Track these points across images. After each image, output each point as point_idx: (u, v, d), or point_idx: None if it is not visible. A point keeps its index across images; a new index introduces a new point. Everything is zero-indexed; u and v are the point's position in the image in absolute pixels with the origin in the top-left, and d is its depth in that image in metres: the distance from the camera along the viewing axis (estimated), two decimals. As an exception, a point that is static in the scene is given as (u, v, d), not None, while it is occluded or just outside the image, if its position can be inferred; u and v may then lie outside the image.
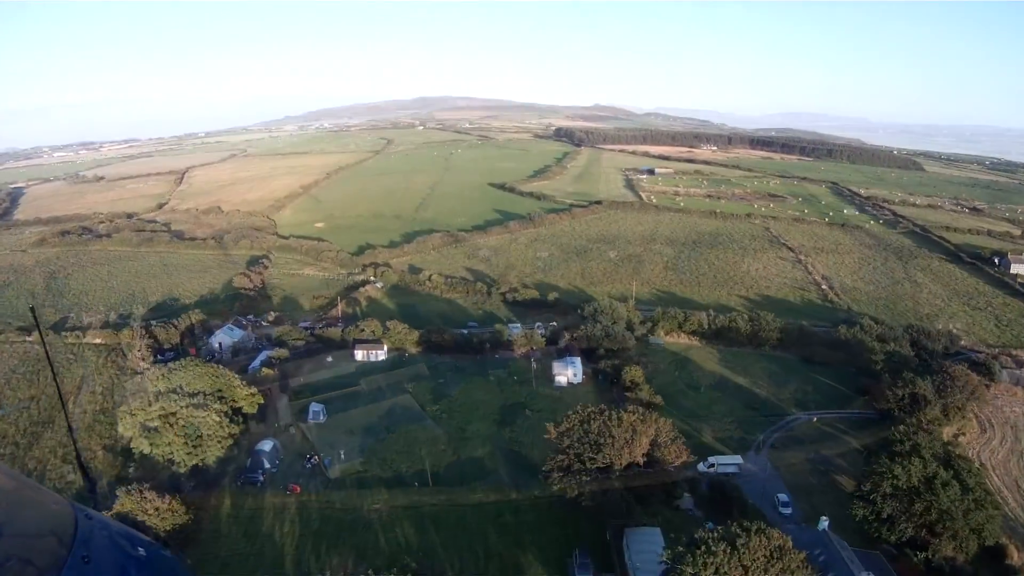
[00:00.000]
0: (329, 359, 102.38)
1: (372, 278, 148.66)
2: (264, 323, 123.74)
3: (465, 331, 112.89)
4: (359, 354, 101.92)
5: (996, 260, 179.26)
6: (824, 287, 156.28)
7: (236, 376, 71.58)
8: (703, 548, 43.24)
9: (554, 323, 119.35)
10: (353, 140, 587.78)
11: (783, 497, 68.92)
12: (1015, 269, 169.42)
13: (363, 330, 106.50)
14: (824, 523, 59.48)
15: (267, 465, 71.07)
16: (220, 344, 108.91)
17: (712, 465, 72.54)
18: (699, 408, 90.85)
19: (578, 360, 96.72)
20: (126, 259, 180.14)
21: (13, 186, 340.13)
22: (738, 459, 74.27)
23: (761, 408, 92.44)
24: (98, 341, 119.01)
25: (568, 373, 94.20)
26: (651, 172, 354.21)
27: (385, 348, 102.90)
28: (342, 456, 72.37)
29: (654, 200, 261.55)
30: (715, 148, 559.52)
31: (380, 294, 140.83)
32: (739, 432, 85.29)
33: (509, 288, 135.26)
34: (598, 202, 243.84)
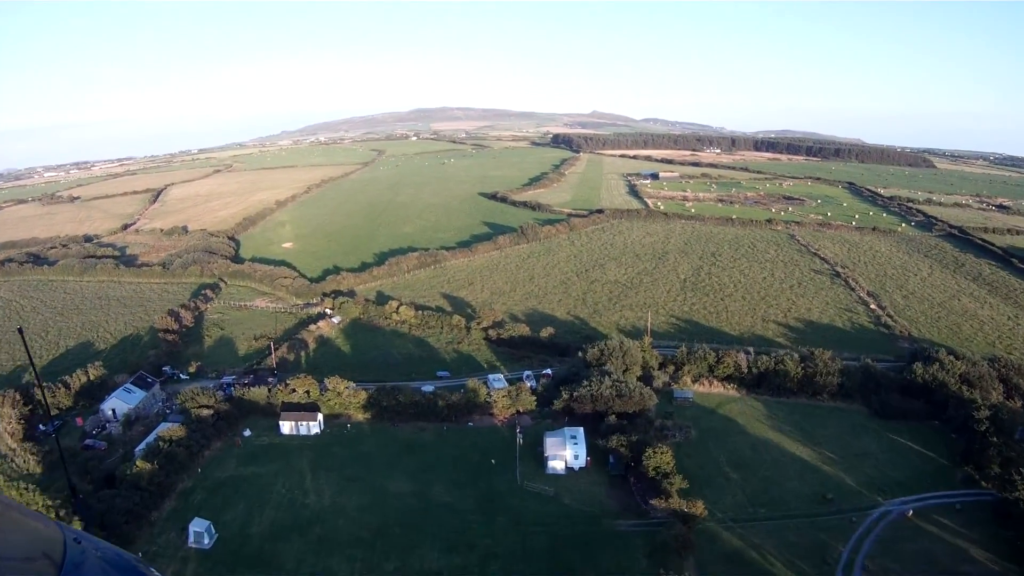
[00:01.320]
0: (247, 432, 76.38)
1: (329, 311, 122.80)
2: (184, 375, 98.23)
3: (430, 387, 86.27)
4: (286, 426, 75.75)
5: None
6: (874, 307, 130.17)
7: (44, 502, 45.80)
8: None
9: (548, 371, 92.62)
10: (344, 152, 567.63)
11: None
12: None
13: (294, 390, 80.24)
14: None
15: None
16: (113, 411, 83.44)
17: (791, 625, 46.62)
18: (750, 502, 64.71)
19: (580, 433, 70.18)
20: (60, 290, 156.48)
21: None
22: (828, 610, 48.28)
23: (836, 497, 66.41)
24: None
25: (566, 454, 67.64)
26: (655, 176, 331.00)
27: (320, 417, 76.51)
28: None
29: (661, 207, 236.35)
30: (719, 151, 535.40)
31: (335, 332, 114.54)
32: (812, 542, 59.46)
33: (493, 322, 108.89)
34: (599, 211, 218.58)
